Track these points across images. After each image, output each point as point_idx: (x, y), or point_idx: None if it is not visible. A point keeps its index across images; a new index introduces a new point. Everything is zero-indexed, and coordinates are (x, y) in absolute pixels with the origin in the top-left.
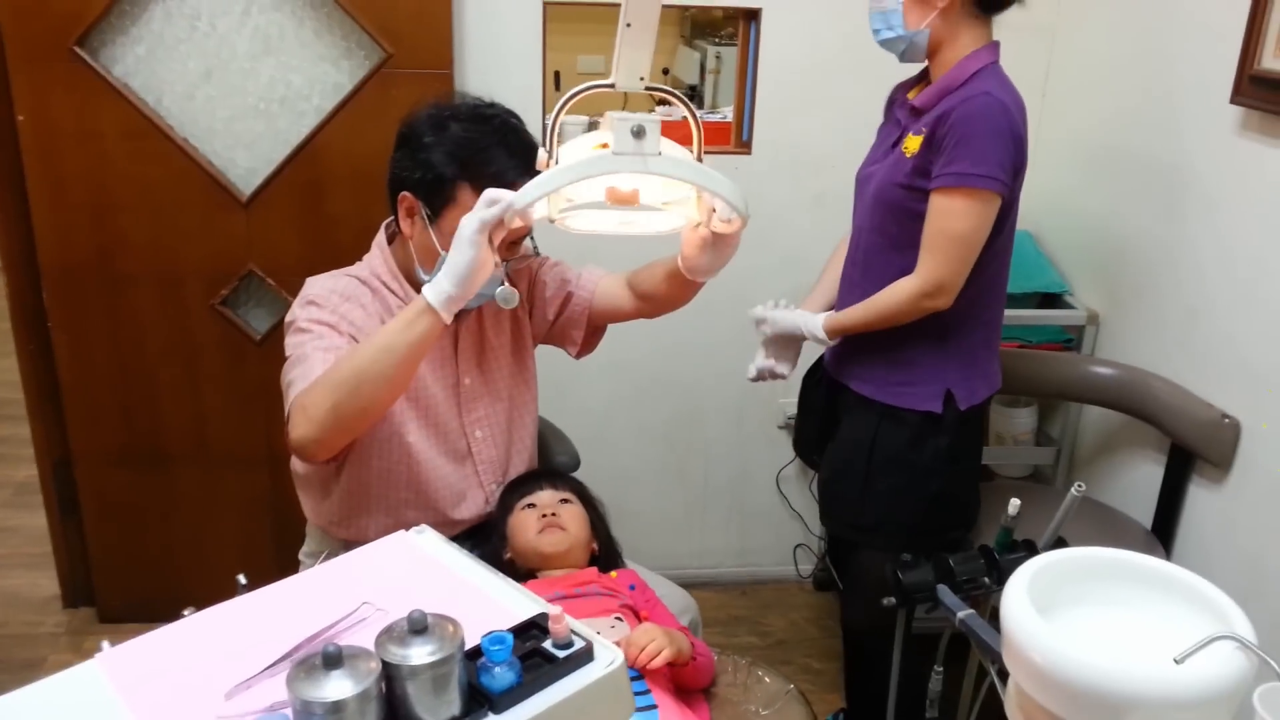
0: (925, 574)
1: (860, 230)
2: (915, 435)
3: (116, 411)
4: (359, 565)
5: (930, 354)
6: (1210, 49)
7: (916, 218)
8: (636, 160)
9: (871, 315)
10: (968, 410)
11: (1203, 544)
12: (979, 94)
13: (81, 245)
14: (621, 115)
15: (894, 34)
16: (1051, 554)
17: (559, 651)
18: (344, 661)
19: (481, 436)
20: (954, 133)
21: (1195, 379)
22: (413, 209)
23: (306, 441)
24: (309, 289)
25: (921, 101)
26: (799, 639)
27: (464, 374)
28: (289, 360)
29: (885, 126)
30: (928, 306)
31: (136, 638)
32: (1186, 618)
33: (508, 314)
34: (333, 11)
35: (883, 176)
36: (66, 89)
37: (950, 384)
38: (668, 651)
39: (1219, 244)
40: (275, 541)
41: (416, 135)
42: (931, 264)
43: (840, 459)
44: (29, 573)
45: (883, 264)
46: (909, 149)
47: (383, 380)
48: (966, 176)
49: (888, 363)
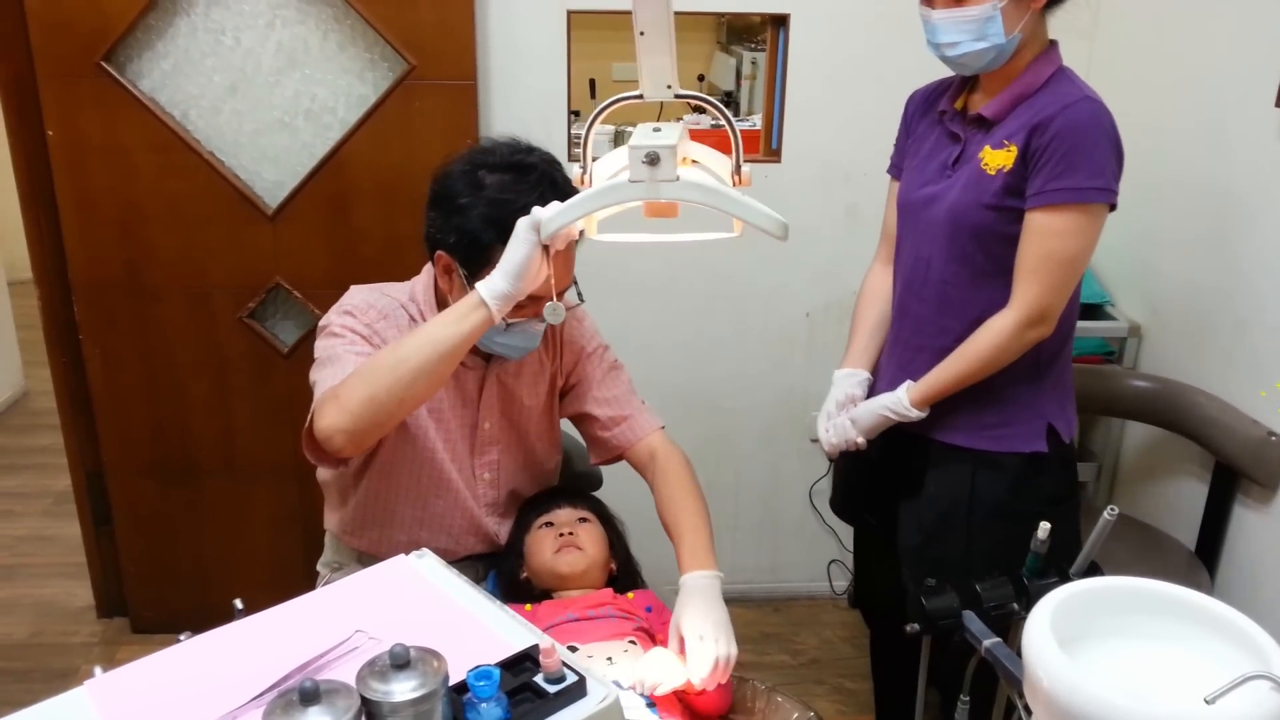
0: (950, 600)
1: (925, 262)
2: (1016, 480)
3: (147, 423)
4: (357, 591)
5: (1025, 387)
6: (1253, 54)
7: (1007, 242)
8: (648, 188)
9: (968, 367)
10: (1070, 443)
11: (1249, 567)
12: (1079, 99)
13: (111, 259)
14: (636, 143)
15: (985, 44)
16: (1079, 583)
17: (550, 686)
18: (321, 697)
19: (489, 479)
20: (1059, 143)
21: (1241, 394)
22: (449, 268)
23: (334, 431)
24: (349, 299)
25: (992, 111)
26: (832, 658)
27: (484, 418)
28: (318, 361)
29: (925, 143)
30: (1032, 339)
31: (128, 664)
32: (1221, 654)
33: (546, 379)
34: (356, 24)
35: (958, 198)
36: (94, 104)
37: (1050, 417)
38: (676, 683)
39: (1264, 253)
40: (304, 553)
41: (450, 195)
42: (1034, 290)
43: (932, 519)
44: (66, 582)
45: (967, 298)
46: (991, 165)
47: (424, 373)
48: (1081, 191)
49: (976, 403)
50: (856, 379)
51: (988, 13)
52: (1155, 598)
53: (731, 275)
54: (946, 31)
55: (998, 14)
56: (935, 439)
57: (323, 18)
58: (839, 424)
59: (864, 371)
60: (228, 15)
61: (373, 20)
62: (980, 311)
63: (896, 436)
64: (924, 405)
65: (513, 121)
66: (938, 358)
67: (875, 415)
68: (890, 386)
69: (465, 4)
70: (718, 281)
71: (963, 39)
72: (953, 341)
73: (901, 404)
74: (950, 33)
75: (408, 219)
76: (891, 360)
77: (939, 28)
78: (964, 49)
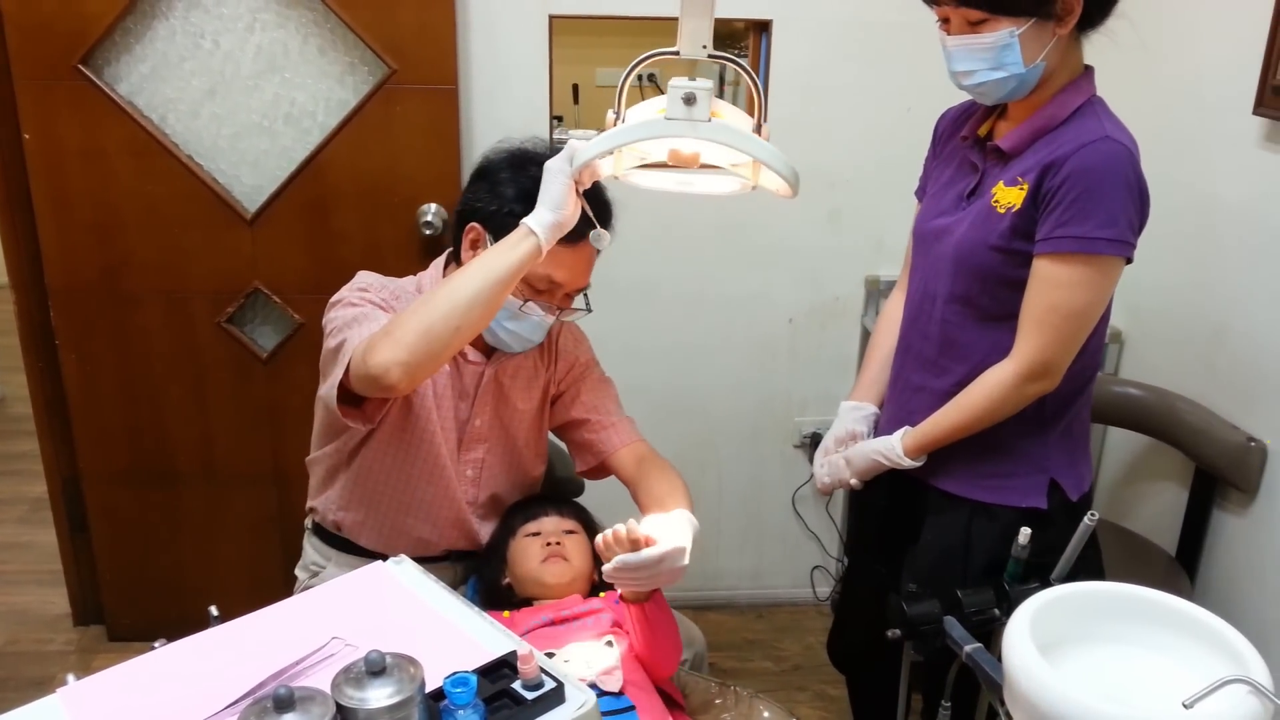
0: (932, 606)
1: (932, 298)
2: (1009, 534)
3: (124, 429)
4: (334, 597)
5: (1028, 439)
6: (1231, 59)
7: (1014, 286)
8: (686, 125)
9: (963, 418)
10: (1080, 501)
11: (1228, 572)
12: (1098, 138)
13: (87, 263)
14: (677, 82)
15: (1003, 74)
16: (1059, 589)
17: (528, 693)
18: (296, 705)
19: (471, 476)
20: (1071, 186)
21: (1221, 400)
22: (478, 241)
23: (391, 364)
24: (361, 278)
25: (1010, 144)
26: (814, 664)
27: (476, 414)
28: (338, 326)
29: (948, 169)
30: (1033, 393)
31: (102, 671)
32: (1200, 658)
33: (540, 386)
34: (336, 28)
35: (965, 235)
36: (71, 107)
37: (1055, 472)
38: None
39: (1244, 260)
40: (282, 560)
41: (494, 170)
42: (1037, 343)
43: (927, 569)
44: (41, 589)
45: (970, 341)
46: (1001, 203)
47: (479, 301)
48: (1090, 241)
49: (976, 452)
50: (861, 413)
51: (1003, 40)
52: (1135, 603)
53: (714, 280)
54: (962, 59)
55: (1015, 42)
56: (934, 485)
57: (303, 21)
58: (834, 462)
59: (871, 405)
60: (207, 19)
61: (353, 24)
62: (983, 356)
63: (901, 482)
64: (918, 454)
65: (495, 126)
66: (938, 400)
67: (868, 459)
68: (890, 426)
69: (446, 8)
70: (701, 286)
71: (979, 68)
72: (953, 385)
73: (895, 451)
74: (965, 61)
75: (388, 223)
76: (892, 398)
77: (955, 55)
78: (980, 78)
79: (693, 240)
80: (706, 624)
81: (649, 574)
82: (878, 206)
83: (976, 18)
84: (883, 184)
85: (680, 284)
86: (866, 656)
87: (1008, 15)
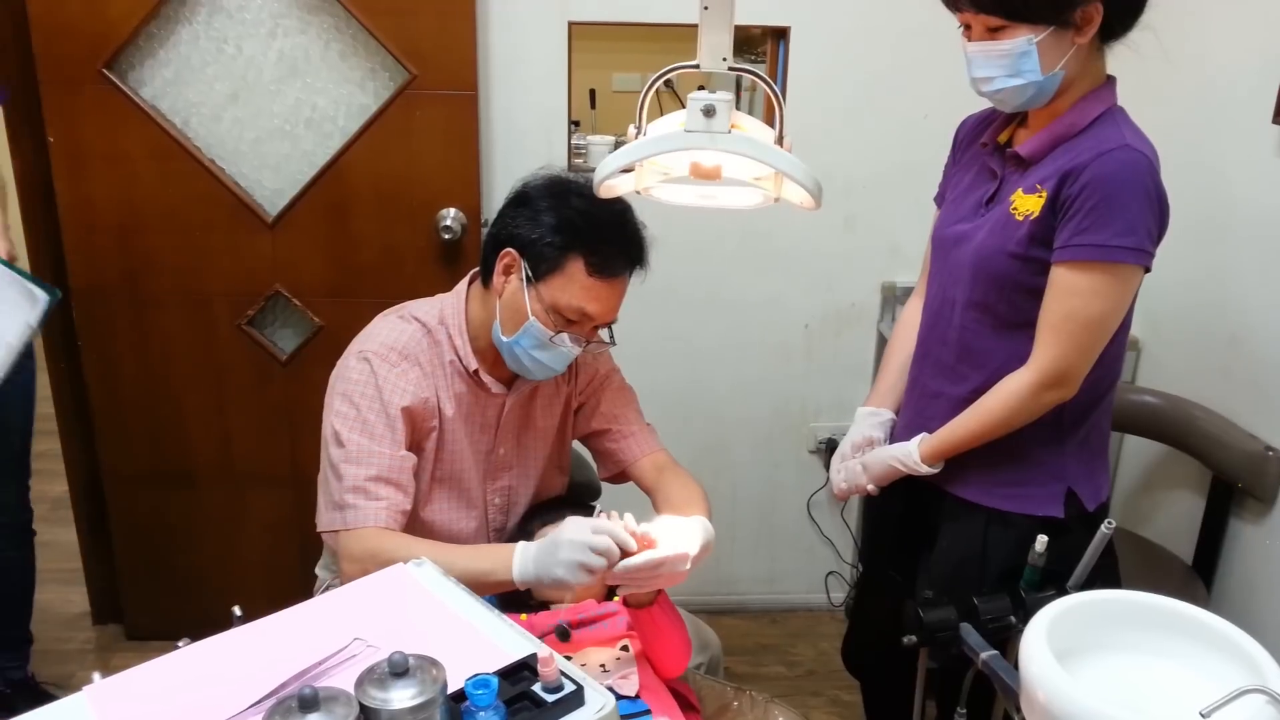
0: (948, 612)
1: (950, 304)
2: (1024, 542)
3: (144, 430)
4: (355, 598)
5: (1045, 447)
6: (1251, 69)
7: (1033, 294)
8: (706, 138)
9: (981, 426)
10: (1096, 511)
11: (1245, 581)
12: (1116, 146)
13: (110, 265)
14: (697, 95)
15: (1021, 81)
16: (1076, 597)
17: (548, 695)
18: (320, 705)
19: (499, 504)
20: (1089, 194)
21: (1239, 409)
22: (512, 266)
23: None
24: (370, 341)
25: (1029, 151)
26: (829, 669)
27: (500, 444)
28: (335, 431)
29: (967, 175)
30: (1050, 401)
31: (127, 670)
32: (1217, 668)
33: (561, 401)
34: (358, 34)
35: (984, 242)
36: (96, 111)
37: (1072, 481)
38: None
39: (1263, 268)
40: (301, 560)
41: (536, 197)
42: (1054, 351)
43: (944, 575)
44: (62, 588)
45: (988, 348)
46: (1020, 210)
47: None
48: (1108, 249)
49: (992, 460)
50: (878, 419)
51: (1021, 47)
52: (1152, 611)
53: (730, 285)
54: (980, 66)
55: (1033, 49)
56: (950, 492)
57: (324, 27)
58: (850, 468)
59: (887, 411)
60: (230, 24)
61: (374, 30)
62: (1001, 363)
63: (918, 488)
64: (935, 461)
65: (514, 132)
66: (955, 407)
67: (885, 465)
68: (907, 432)
69: (466, 14)
70: (717, 291)
71: (997, 74)
72: (970, 392)
73: (911, 458)
74: (984, 67)
75: (407, 227)
76: (909, 404)
77: (974, 61)
78: (999, 85)
79: (709, 245)
80: (720, 628)
81: (648, 576)
82: (894, 213)
83: (996, 24)
84: (899, 190)
85: (696, 289)
86: (881, 663)
87: (1026, 22)
